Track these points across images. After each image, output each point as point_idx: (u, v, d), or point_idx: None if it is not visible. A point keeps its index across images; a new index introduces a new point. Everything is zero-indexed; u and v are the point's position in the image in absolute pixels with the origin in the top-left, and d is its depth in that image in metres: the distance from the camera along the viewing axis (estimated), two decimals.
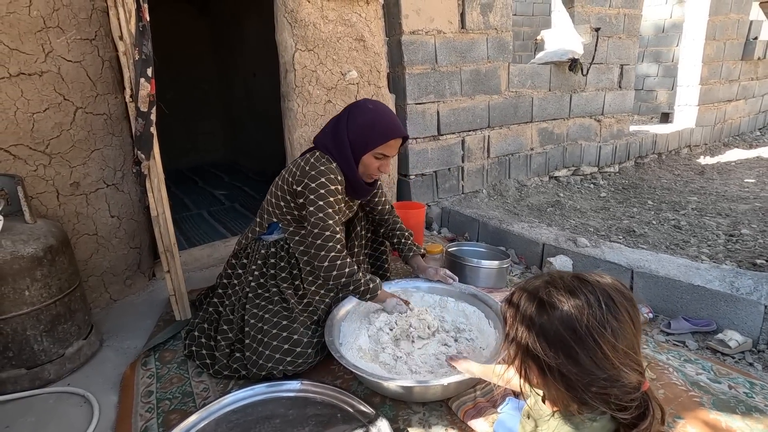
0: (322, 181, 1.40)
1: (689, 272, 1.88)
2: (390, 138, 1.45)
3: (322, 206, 1.39)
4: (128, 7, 1.24)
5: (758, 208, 2.99)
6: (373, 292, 1.44)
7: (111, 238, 1.85)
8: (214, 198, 3.97)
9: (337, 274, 1.39)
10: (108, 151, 1.78)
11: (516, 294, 0.75)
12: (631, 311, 0.67)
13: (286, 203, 1.52)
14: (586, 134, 3.94)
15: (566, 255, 2.27)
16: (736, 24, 4.80)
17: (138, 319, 1.82)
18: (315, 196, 1.39)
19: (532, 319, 0.69)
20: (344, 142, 1.44)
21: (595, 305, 0.65)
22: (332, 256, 1.39)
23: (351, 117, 1.46)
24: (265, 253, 1.58)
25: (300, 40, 2.23)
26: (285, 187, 1.51)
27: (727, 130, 5.31)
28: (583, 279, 0.70)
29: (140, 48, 1.27)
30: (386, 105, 1.56)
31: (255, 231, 1.64)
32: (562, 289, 0.69)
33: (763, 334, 1.63)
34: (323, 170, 1.41)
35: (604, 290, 0.67)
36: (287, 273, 1.56)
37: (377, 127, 1.44)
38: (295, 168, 1.49)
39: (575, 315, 0.65)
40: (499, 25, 3.11)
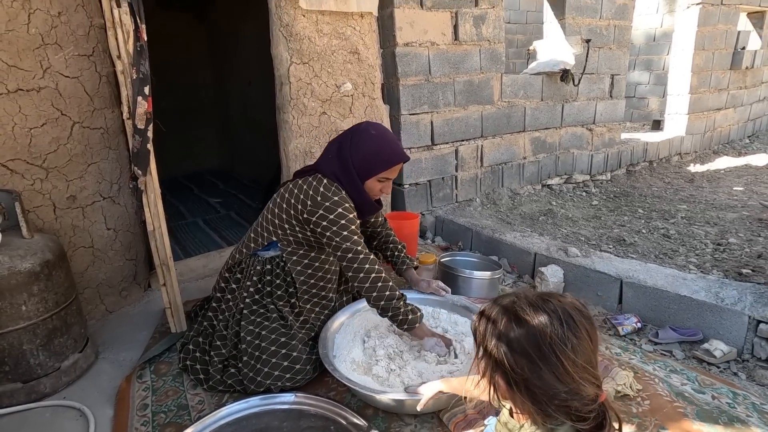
0: (340, 212, 1.40)
1: (676, 282, 1.93)
2: (394, 164, 1.49)
3: (347, 236, 1.40)
4: (126, 28, 1.27)
5: (746, 216, 3.05)
6: (411, 324, 1.42)
7: (107, 251, 1.87)
8: (209, 206, 3.99)
9: (377, 295, 1.39)
10: (105, 165, 1.80)
11: (486, 311, 0.79)
12: (589, 328, 0.72)
13: (291, 228, 1.51)
14: (578, 143, 4.00)
15: (557, 265, 2.31)
16: (724, 34, 4.89)
17: (134, 330, 1.83)
18: (337, 227, 1.40)
19: (501, 335, 0.74)
20: (351, 169, 1.46)
21: (556, 323, 0.70)
22: (373, 278, 1.39)
23: (354, 144, 1.47)
24: (261, 269, 1.58)
25: (295, 53, 2.26)
26: (292, 213, 1.49)
27: (716, 138, 5.40)
28: (545, 298, 0.74)
29: (138, 67, 1.29)
30: (387, 129, 1.57)
31: (250, 247, 1.63)
32: (528, 307, 0.73)
33: (747, 343, 1.67)
34: (338, 201, 1.41)
35: (565, 309, 0.71)
36: (283, 291, 1.57)
37: (382, 155, 1.47)
38: (302, 195, 1.46)
39: (539, 332, 0.70)
40: (492, 36, 3.17)
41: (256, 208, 3.75)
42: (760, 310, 1.63)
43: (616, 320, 1.97)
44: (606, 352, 1.60)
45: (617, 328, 1.93)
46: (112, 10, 1.26)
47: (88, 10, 1.63)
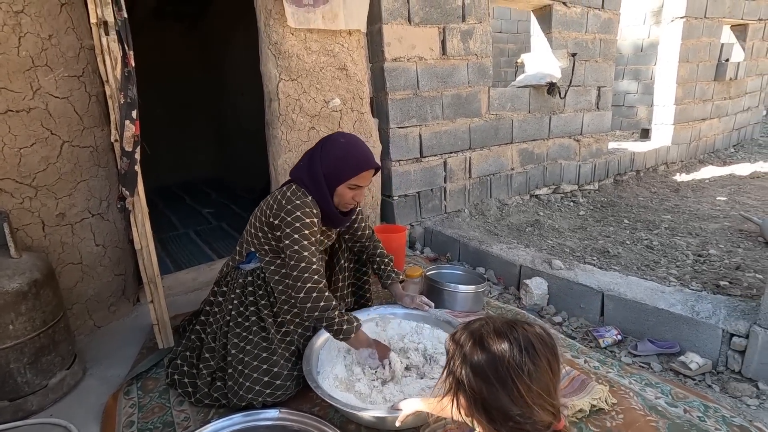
0: (297, 215, 1.44)
1: (654, 295, 1.98)
2: (362, 170, 1.51)
3: (297, 239, 1.43)
4: (114, 55, 1.30)
5: (727, 227, 3.12)
6: (346, 334, 1.41)
7: (96, 266, 1.89)
8: (201, 216, 4.01)
9: (311, 306, 1.40)
10: (94, 182, 1.83)
11: (457, 333, 0.84)
12: (551, 359, 0.77)
13: (264, 234, 1.57)
14: (566, 154, 4.07)
15: (542, 277, 2.36)
16: (707, 47, 5.00)
17: (122, 346, 1.85)
18: (291, 230, 1.44)
19: (465, 357, 0.79)
20: (318, 175, 1.49)
21: (516, 350, 0.74)
22: (308, 287, 1.40)
23: (324, 151, 1.52)
24: (243, 282, 1.62)
25: (284, 70, 2.30)
26: (263, 219, 1.55)
27: (702, 147, 5.50)
28: (512, 326, 0.79)
29: (125, 92, 1.33)
30: (358, 138, 1.61)
31: (235, 260, 1.68)
32: (493, 333, 0.78)
33: (722, 356, 1.73)
34: (298, 204, 1.46)
35: (528, 338, 0.76)
36: (266, 301, 1.60)
37: (350, 160, 1.50)
38: (272, 201, 1.53)
39: (499, 357, 0.75)
40: (479, 51, 3.23)
41: (247, 218, 3.78)
42: (733, 324, 1.68)
43: (598, 332, 2.01)
44: (585, 366, 1.64)
45: (598, 341, 1.98)
46: (101, 38, 1.29)
47: (79, 32, 1.67)
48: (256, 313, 1.58)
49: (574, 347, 1.80)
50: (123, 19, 1.30)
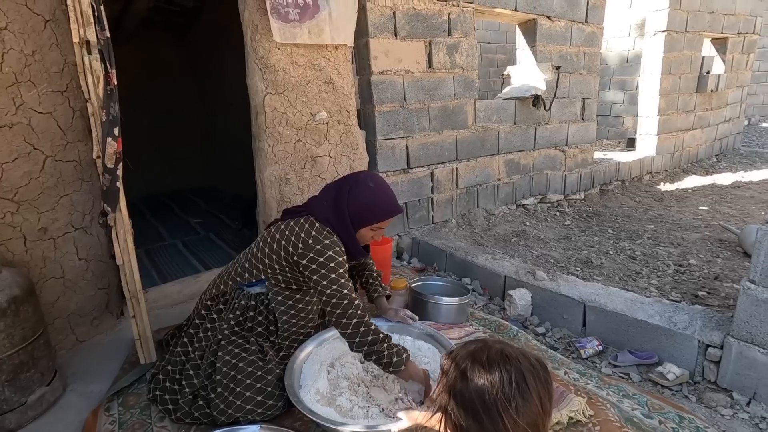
0: (329, 255, 1.44)
1: (634, 306, 2.01)
2: (389, 217, 1.56)
3: (334, 279, 1.42)
4: (96, 74, 1.32)
5: (707, 237, 3.18)
6: (396, 366, 1.39)
7: (78, 281, 1.88)
8: (189, 226, 3.99)
9: (360, 341, 1.39)
10: (77, 196, 1.83)
11: (453, 353, 0.84)
12: (542, 394, 0.77)
13: (281, 268, 1.54)
14: (552, 164, 4.13)
15: (526, 288, 2.39)
16: (689, 60, 5.13)
17: (104, 360, 1.84)
18: (325, 270, 1.43)
19: (456, 381, 0.80)
20: (345, 218, 1.51)
21: (506, 383, 0.74)
22: (355, 323, 1.40)
23: (352, 195, 1.52)
24: (246, 304, 1.61)
25: (270, 84, 2.33)
26: (282, 254, 1.51)
27: (685, 157, 5.61)
28: (507, 356, 0.79)
29: (107, 110, 1.34)
30: (384, 181, 1.61)
31: (236, 280, 1.64)
32: (486, 361, 0.78)
33: (698, 366, 1.76)
34: (328, 244, 1.45)
35: (521, 371, 0.76)
36: (263, 328, 1.60)
37: (378, 208, 1.53)
38: (294, 238, 1.49)
39: (487, 387, 0.75)
40: (465, 64, 3.29)
41: (236, 228, 3.78)
42: (708, 335, 1.72)
43: (579, 343, 2.04)
44: (565, 378, 1.66)
45: (580, 351, 2.00)
46: (83, 57, 1.31)
47: (63, 48, 1.68)
48: (254, 336, 1.58)
49: (555, 359, 1.82)
50: (106, 39, 1.31)
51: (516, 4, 3.47)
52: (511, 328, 2.07)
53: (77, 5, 1.25)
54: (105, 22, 1.31)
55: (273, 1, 2.19)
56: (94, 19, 1.27)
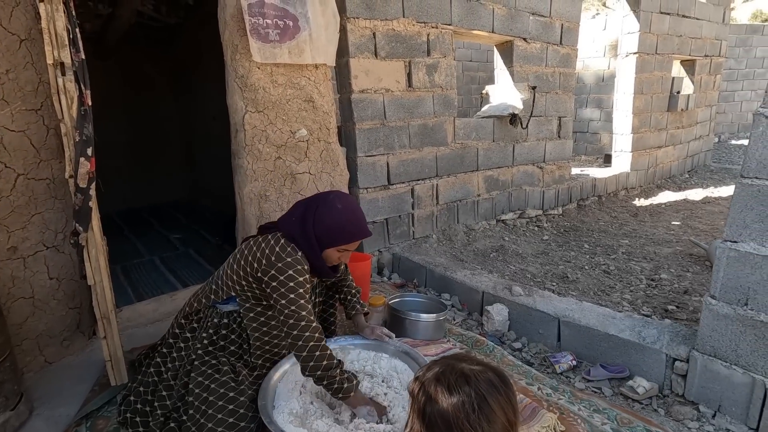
0: (290, 274, 1.41)
1: (606, 321, 2.06)
2: (356, 240, 1.54)
3: (293, 299, 1.40)
4: (70, 94, 1.32)
5: (678, 251, 3.29)
6: (346, 392, 1.40)
7: (49, 300, 1.84)
8: (169, 242, 3.94)
9: (314, 365, 1.37)
10: (49, 215, 1.81)
11: (420, 378, 0.85)
12: (506, 410, 0.78)
13: (248, 284, 1.53)
14: (530, 180, 4.23)
15: (503, 303, 2.43)
16: (660, 80, 5.35)
17: (73, 383, 1.80)
18: (285, 289, 1.40)
19: (423, 408, 0.81)
20: (311, 237, 1.48)
21: (469, 408, 0.76)
22: (311, 346, 1.38)
23: (319, 214, 1.50)
24: (218, 322, 1.59)
25: (250, 102, 2.35)
26: (249, 270, 1.50)
27: (659, 173, 5.80)
28: (467, 377, 0.80)
29: (81, 130, 1.34)
30: (354, 202, 1.60)
31: (210, 298, 1.62)
32: (447, 386, 0.79)
33: (666, 380, 1.81)
34: (290, 262, 1.42)
35: (481, 394, 0.77)
36: (237, 347, 1.59)
37: (345, 230, 1.50)
38: (259, 254, 1.47)
39: (452, 414, 0.76)
40: (444, 83, 3.37)
41: (216, 244, 3.75)
42: (675, 349, 1.78)
43: (554, 358, 2.08)
44: (538, 393, 1.69)
45: (554, 366, 2.04)
46: (57, 78, 1.31)
47: (38, 67, 1.68)
48: (226, 355, 1.56)
49: (529, 374, 1.85)
50: (81, 60, 1.32)
51: (493, 27, 3.59)
52: (488, 344, 2.09)
53: (52, 28, 1.26)
54: (80, 44, 1.32)
55: (253, 22, 2.23)
56: (69, 41, 1.28)
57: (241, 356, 1.58)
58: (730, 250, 1.53)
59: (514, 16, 3.71)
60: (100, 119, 1.74)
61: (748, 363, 1.54)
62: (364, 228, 1.55)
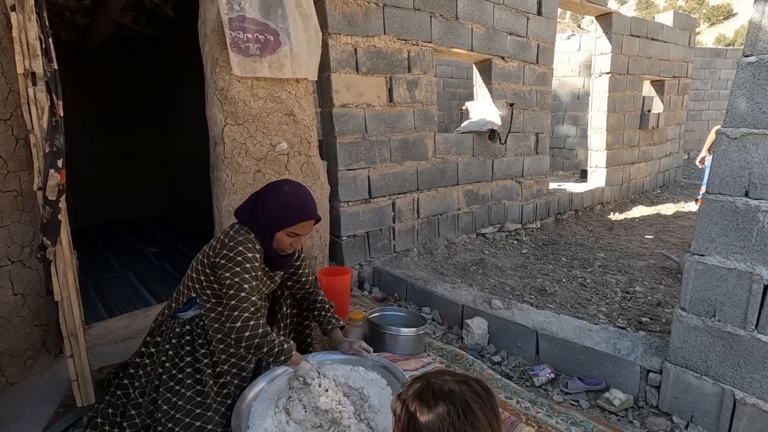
0: (239, 250, 1.46)
1: (582, 334, 2.09)
2: (301, 221, 1.56)
3: (237, 272, 1.43)
4: (41, 105, 1.29)
5: (652, 264, 3.38)
6: (287, 353, 1.44)
7: (12, 317, 1.76)
8: (144, 256, 3.84)
9: (249, 334, 1.37)
10: (16, 228, 1.74)
11: (402, 395, 0.84)
12: (489, 417, 0.79)
13: (206, 277, 1.55)
14: (509, 194, 4.30)
15: (482, 317, 2.44)
16: (631, 99, 5.56)
17: (36, 404, 1.71)
18: (232, 263, 1.44)
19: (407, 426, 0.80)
20: (259, 220, 1.54)
21: (454, 416, 0.76)
22: (245, 317, 1.39)
23: (266, 197, 1.56)
24: (180, 331, 1.58)
25: (230, 115, 2.34)
26: (205, 261, 1.54)
27: (632, 188, 5.99)
28: (450, 389, 0.80)
29: (51, 141, 1.31)
30: (303, 187, 1.65)
31: (171, 307, 1.63)
32: (431, 399, 0.79)
33: (641, 391, 1.84)
34: (241, 240, 1.49)
35: (466, 402, 0.78)
36: (206, 350, 1.56)
37: (289, 210, 1.55)
38: (216, 242, 1.55)
39: (437, 425, 0.76)
40: (424, 99, 3.43)
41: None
42: (649, 360, 1.81)
43: (533, 371, 2.09)
44: (516, 407, 1.69)
45: (533, 379, 2.05)
46: (27, 89, 1.28)
47: (8, 76, 1.63)
48: (192, 364, 1.53)
49: (508, 387, 1.85)
50: (53, 71, 1.29)
51: (472, 45, 3.68)
52: (468, 358, 2.09)
53: (23, 37, 1.23)
54: (53, 54, 1.30)
55: (233, 36, 2.23)
56: (41, 51, 1.26)
57: (211, 359, 1.54)
58: (698, 263, 1.58)
59: (492, 35, 3.82)
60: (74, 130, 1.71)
61: (718, 373, 1.58)
62: (311, 210, 1.60)
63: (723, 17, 23.80)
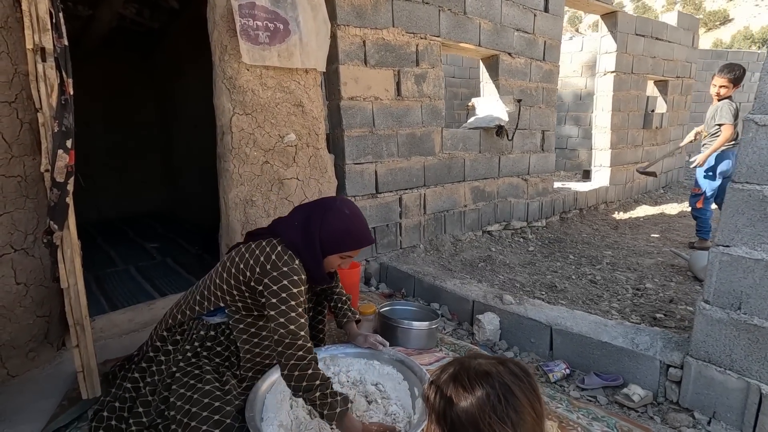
0: (284, 284, 1.34)
1: (598, 329, 2.05)
2: (362, 246, 1.51)
3: (284, 311, 1.32)
4: (50, 82, 1.24)
5: (660, 262, 3.35)
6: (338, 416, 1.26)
7: (14, 308, 1.70)
8: (145, 251, 3.77)
9: (306, 385, 1.28)
10: (19, 215, 1.68)
11: (434, 381, 0.79)
12: (532, 400, 0.73)
13: (240, 293, 1.46)
14: (515, 192, 4.27)
15: (493, 312, 2.39)
16: (635, 99, 5.55)
17: (38, 398, 1.65)
18: (277, 300, 1.33)
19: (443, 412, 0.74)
20: (315, 243, 1.43)
21: (495, 400, 0.70)
22: (302, 365, 1.29)
23: (326, 220, 1.45)
24: (204, 334, 1.52)
25: (238, 104, 2.29)
26: (241, 278, 1.43)
27: (636, 188, 5.97)
28: (487, 371, 0.74)
29: (60, 120, 1.26)
30: (358, 209, 1.56)
31: (195, 310, 1.54)
32: (467, 383, 0.73)
33: (661, 387, 1.80)
34: (286, 272, 1.35)
35: (505, 383, 0.72)
36: (223, 359, 1.51)
37: (352, 236, 1.47)
38: (253, 262, 1.41)
39: (477, 412, 0.70)
40: (432, 93, 3.39)
41: (196, 253, 3.61)
42: (669, 355, 1.77)
43: (547, 367, 2.05)
44: None
45: (548, 375, 2.00)
46: (37, 64, 1.23)
47: (14, 57, 1.58)
48: (213, 366, 1.48)
49: None
50: (63, 47, 1.24)
51: (480, 41, 3.65)
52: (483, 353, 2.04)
53: (33, 10, 1.18)
54: (63, 29, 1.25)
55: (243, 23, 2.19)
56: (51, 26, 1.21)
57: (228, 367, 1.50)
58: (723, 255, 1.55)
59: (499, 31, 3.79)
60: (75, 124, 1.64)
61: (743, 368, 1.54)
62: (369, 235, 1.53)
63: (719, 22, 23.99)
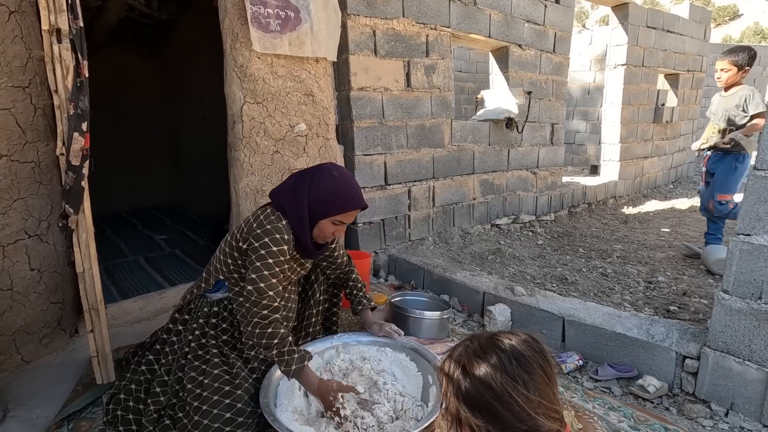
0: (265, 242, 1.34)
1: (612, 320, 2.03)
2: (352, 209, 1.46)
3: (259, 268, 1.33)
4: (66, 63, 1.23)
5: (672, 256, 3.31)
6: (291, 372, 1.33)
7: (28, 293, 1.71)
8: (154, 243, 3.79)
9: (265, 342, 1.33)
10: (33, 201, 1.69)
11: (445, 363, 0.80)
12: (542, 363, 0.74)
13: (233, 260, 1.47)
14: (524, 185, 4.24)
15: (504, 303, 2.37)
16: (646, 92, 5.48)
17: (53, 383, 1.66)
18: (256, 257, 1.34)
19: (459, 387, 0.75)
20: (303, 204, 1.41)
21: (506, 362, 0.72)
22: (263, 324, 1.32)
23: (314, 181, 1.43)
24: (208, 311, 1.53)
25: (249, 93, 2.28)
26: (233, 244, 1.46)
27: (645, 183, 5.91)
28: (495, 339, 0.77)
29: (76, 103, 1.25)
30: (350, 173, 1.54)
31: (200, 287, 1.57)
32: (479, 352, 0.75)
33: (676, 378, 1.77)
34: (269, 229, 1.36)
35: (514, 347, 0.74)
36: (229, 336, 1.51)
37: (341, 196, 1.43)
38: (244, 224, 1.46)
39: (491, 374, 0.71)
40: (442, 85, 3.36)
41: (204, 245, 3.61)
42: (685, 346, 1.75)
43: (560, 358, 2.03)
44: None
45: (561, 366, 1.98)
46: (52, 46, 1.22)
47: (28, 42, 1.58)
48: (217, 346, 1.48)
49: None
50: (78, 28, 1.24)
51: (490, 32, 3.61)
52: None
53: None
54: (79, 11, 1.24)
55: (254, 11, 2.17)
56: (67, 6, 1.20)
57: (234, 345, 1.50)
58: (743, 243, 1.52)
59: (509, 22, 3.75)
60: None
61: (763, 358, 1.52)
62: (360, 196, 1.49)
63: (729, 18, 23.65)
